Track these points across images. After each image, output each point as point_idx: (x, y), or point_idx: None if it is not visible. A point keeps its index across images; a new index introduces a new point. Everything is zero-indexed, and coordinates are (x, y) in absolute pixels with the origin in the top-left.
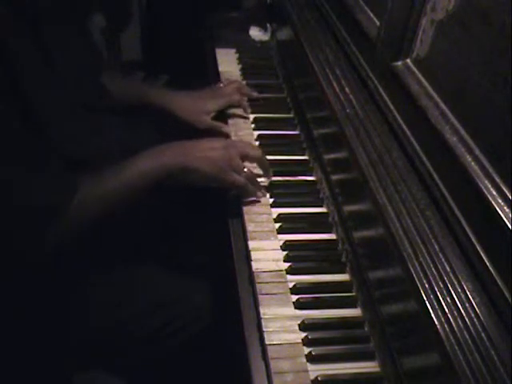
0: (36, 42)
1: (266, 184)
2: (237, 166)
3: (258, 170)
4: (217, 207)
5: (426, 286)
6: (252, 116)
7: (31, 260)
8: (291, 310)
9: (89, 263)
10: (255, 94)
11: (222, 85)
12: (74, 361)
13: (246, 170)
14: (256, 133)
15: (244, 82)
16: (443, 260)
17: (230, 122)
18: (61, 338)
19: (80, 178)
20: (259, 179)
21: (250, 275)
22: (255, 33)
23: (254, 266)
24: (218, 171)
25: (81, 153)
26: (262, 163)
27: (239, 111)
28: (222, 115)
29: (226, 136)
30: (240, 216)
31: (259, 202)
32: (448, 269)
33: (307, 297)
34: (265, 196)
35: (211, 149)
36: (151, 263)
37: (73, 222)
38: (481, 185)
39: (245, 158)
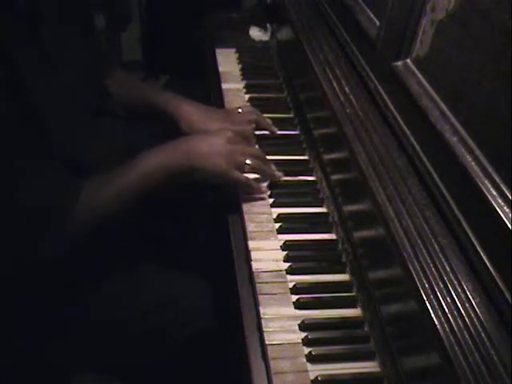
0: (36, 43)
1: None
2: (239, 163)
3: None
4: (216, 206)
5: (426, 285)
6: None
7: (33, 261)
8: (291, 310)
9: (88, 263)
10: (275, 130)
11: (239, 110)
12: (74, 362)
13: (248, 162)
14: (256, 132)
15: (244, 82)
16: (443, 260)
17: None
18: (60, 339)
19: (83, 180)
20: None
21: (250, 275)
22: (255, 33)
23: (254, 265)
24: (222, 169)
25: (82, 155)
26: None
27: None
28: None
29: None
30: (240, 216)
31: (259, 201)
32: (448, 269)
33: (307, 297)
34: (265, 195)
35: (214, 145)
36: (150, 263)
37: (77, 223)
38: (481, 185)
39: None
